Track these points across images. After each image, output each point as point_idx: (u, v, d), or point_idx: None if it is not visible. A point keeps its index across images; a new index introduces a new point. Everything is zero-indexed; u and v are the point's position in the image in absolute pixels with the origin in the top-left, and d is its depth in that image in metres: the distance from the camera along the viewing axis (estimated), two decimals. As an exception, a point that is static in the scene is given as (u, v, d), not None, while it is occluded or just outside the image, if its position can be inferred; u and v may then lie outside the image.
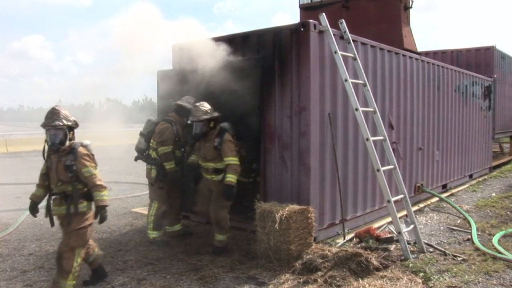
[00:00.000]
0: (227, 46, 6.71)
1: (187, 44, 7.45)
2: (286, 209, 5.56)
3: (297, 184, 6.40)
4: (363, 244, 6.27)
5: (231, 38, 6.98)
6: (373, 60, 7.66)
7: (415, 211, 7.88)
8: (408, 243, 6.12)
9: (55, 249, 6.45)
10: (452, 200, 9.60)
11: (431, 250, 6.20)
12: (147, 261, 5.87)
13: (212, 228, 6.36)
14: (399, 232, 5.88)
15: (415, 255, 5.95)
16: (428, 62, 9.79)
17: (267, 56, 6.57)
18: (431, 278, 5.14)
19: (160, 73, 8.07)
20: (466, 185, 11.64)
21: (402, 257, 5.77)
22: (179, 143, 6.65)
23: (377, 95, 7.62)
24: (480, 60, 15.69)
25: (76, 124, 4.75)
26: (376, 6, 12.75)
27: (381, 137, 6.56)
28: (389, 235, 6.48)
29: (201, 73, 6.86)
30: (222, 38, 6.95)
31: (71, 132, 4.73)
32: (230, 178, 5.86)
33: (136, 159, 6.94)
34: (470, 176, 12.52)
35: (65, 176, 4.62)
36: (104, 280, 5.23)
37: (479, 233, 6.97)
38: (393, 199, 6.06)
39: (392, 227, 6.63)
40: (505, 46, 35.35)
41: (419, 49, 13.74)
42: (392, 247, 6.11)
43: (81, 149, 4.68)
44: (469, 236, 6.81)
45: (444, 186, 10.80)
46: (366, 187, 7.54)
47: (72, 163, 4.59)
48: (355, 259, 5.25)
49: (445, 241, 6.72)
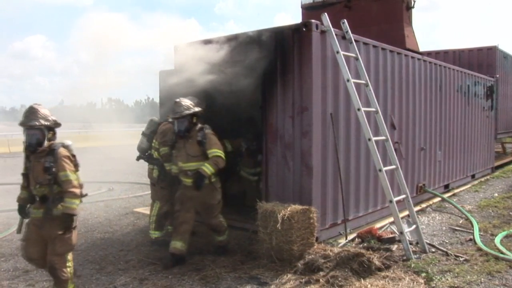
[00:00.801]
0: (229, 46, 6.71)
1: (189, 45, 7.47)
2: (288, 209, 5.56)
3: (299, 184, 6.40)
4: (365, 244, 6.26)
5: (233, 38, 6.97)
6: (375, 60, 7.66)
7: (417, 211, 7.86)
8: (410, 243, 6.11)
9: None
10: (454, 200, 9.58)
11: (433, 250, 6.19)
12: (149, 261, 5.88)
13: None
14: (401, 232, 5.87)
15: (417, 255, 5.94)
16: (430, 62, 9.77)
17: (269, 56, 6.56)
18: (433, 278, 5.13)
19: (162, 73, 8.08)
20: (468, 185, 11.62)
21: (404, 257, 5.76)
22: None
23: (379, 95, 7.61)
24: (482, 60, 15.66)
25: (56, 124, 4.51)
26: (378, 6, 12.73)
27: (383, 137, 6.55)
28: (391, 235, 6.48)
29: (203, 73, 6.86)
30: (223, 38, 6.95)
31: (51, 132, 4.48)
32: (205, 166, 5.55)
33: (138, 158, 6.95)
34: (472, 176, 12.49)
35: (43, 178, 4.37)
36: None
37: (481, 233, 6.96)
38: (395, 199, 6.05)
39: (394, 227, 6.62)
40: (508, 46, 35.34)
41: (421, 49, 13.70)
42: (394, 247, 6.10)
43: (61, 150, 4.42)
44: (471, 236, 6.80)
45: (446, 186, 10.78)
46: (368, 187, 7.53)
47: (51, 164, 4.34)
48: (357, 259, 5.25)
49: (447, 241, 6.71)
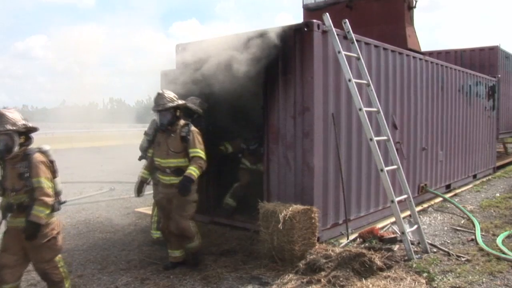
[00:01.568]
0: (230, 46, 6.71)
1: (190, 44, 7.47)
2: (290, 209, 5.56)
3: (300, 184, 6.40)
4: (367, 244, 6.26)
5: (234, 38, 6.97)
6: (377, 60, 7.65)
7: (418, 211, 7.85)
8: (412, 244, 6.10)
9: (59, 249, 6.47)
10: (456, 200, 9.57)
11: (435, 250, 6.19)
12: (151, 261, 5.88)
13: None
14: (403, 232, 5.87)
15: (419, 255, 5.94)
16: (432, 62, 9.77)
17: (271, 56, 6.56)
18: (435, 278, 5.12)
19: (163, 73, 8.08)
20: (470, 185, 11.60)
21: (406, 258, 5.76)
22: None
23: (381, 95, 7.60)
24: (484, 60, 15.64)
25: (28, 129, 4.26)
26: (380, 6, 12.70)
27: (385, 137, 6.54)
28: (392, 235, 6.47)
29: (204, 73, 6.86)
30: (225, 38, 6.95)
31: (22, 137, 4.23)
32: (191, 170, 5.25)
33: (140, 158, 6.94)
34: (474, 176, 12.48)
35: (19, 184, 4.16)
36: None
37: (483, 233, 6.95)
38: (397, 199, 6.04)
39: (395, 227, 6.62)
40: (509, 46, 35.29)
41: (422, 49, 13.66)
42: (395, 247, 6.10)
43: (36, 156, 4.20)
44: (473, 237, 6.79)
45: (448, 186, 10.77)
46: (369, 187, 7.53)
47: (26, 170, 4.14)
48: (358, 259, 5.25)
49: (448, 241, 6.70)
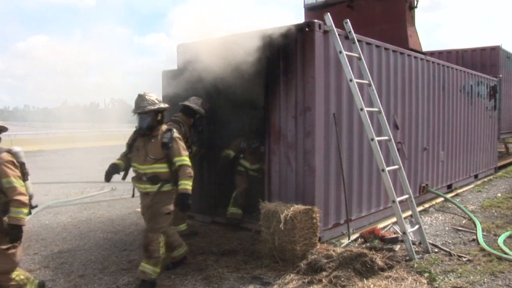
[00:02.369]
0: (231, 46, 6.71)
1: (192, 44, 7.47)
2: (291, 209, 5.56)
3: (301, 184, 6.40)
4: (368, 244, 6.26)
5: (235, 38, 6.97)
6: (378, 60, 7.65)
7: (420, 211, 7.85)
8: (413, 244, 6.10)
9: (60, 249, 6.51)
10: (457, 200, 9.57)
11: (436, 250, 6.18)
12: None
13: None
14: (404, 232, 5.87)
15: (420, 255, 5.93)
16: (433, 62, 9.76)
17: (272, 56, 6.57)
18: (436, 278, 5.12)
19: (165, 73, 8.09)
20: (471, 185, 11.60)
21: (407, 258, 5.76)
22: (186, 143, 6.67)
23: (382, 95, 7.60)
24: (485, 60, 15.61)
25: None
26: (381, 6, 12.68)
27: (386, 137, 6.54)
28: (394, 235, 6.47)
29: (206, 73, 6.87)
30: (226, 38, 6.95)
31: None
32: (185, 185, 4.90)
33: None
34: (476, 176, 12.47)
35: None
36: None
37: (484, 233, 6.95)
38: (398, 199, 6.04)
39: (397, 227, 6.62)
40: (511, 45, 35.21)
41: (424, 49, 13.64)
42: (397, 247, 6.10)
43: (3, 155, 4.01)
44: (475, 237, 6.79)
45: (449, 186, 10.76)
46: (371, 187, 7.53)
47: None
48: (360, 259, 5.25)
49: (450, 241, 6.70)
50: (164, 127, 5.14)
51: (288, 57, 6.48)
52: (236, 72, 6.55)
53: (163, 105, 5.09)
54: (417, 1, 13.18)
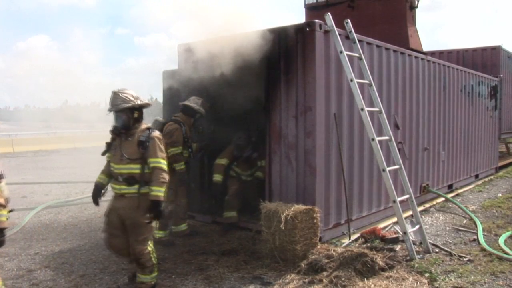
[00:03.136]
0: (232, 46, 6.71)
1: (192, 44, 7.47)
2: (292, 209, 5.56)
3: (302, 184, 6.40)
4: (369, 244, 6.26)
5: (236, 38, 6.97)
6: (379, 60, 7.64)
7: (420, 211, 7.85)
8: (414, 244, 6.10)
9: (60, 249, 6.51)
10: (458, 200, 9.56)
11: (437, 250, 6.18)
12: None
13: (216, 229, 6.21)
14: (405, 232, 5.86)
15: (421, 255, 5.93)
16: (434, 62, 9.76)
17: (273, 56, 6.57)
18: (437, 278, 5.12)
19: (165, 73, 8.09)
20: (472, 186, 11.59)
21: (408, 258, 5.76)
22: (187, 143, 6.68)
23: (383, 95, 7.60)
24: (486, 59, 15.61)
25: None
26: (382, 6, 12.70)
27: (387, 137, 6.54)
28: (394, 235, 6.47)
29: (206, 73, 6.87)
30: (226, 38, 6.96)
31: None
32: (156, 191, 4.51)
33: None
34: (476, 176, 12.47)
35: None
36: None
37: (485, 233, 6.94)
38: (399, 199, 6.04)
39: (397, 227, 6.61)
40: (512, 45, 35.17)
41: (424, 49, 13.65)
42: (397, 247, 6.09)
43: None
44: (475, 237, 6.78)
45: (450, 186, 10.76)
46: (371, 187, 7.52)
47: None
48: (360, 259, 5.24)
49: (451, 241, 6.69)
50: (143, 125, 4.78)
51: (288, 57, 6.48)
52: (237, 71, 6.55)
53: (139, 102, 4.68)
54: (418, 1, 13.20)
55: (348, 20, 6.70)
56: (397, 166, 6.47)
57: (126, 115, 4.63)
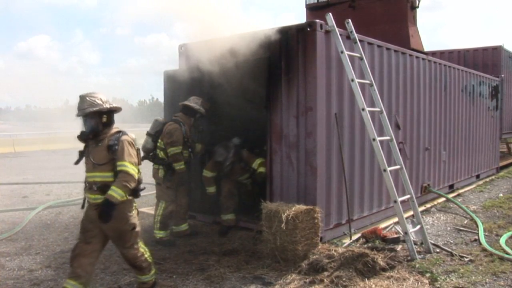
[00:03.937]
0: (233, 46, 6.72)
1: (193, 44, 7.48)
2: (293, 209, 5.56)
3: (303, 184, 6.40)
4: (370, 244, 6.26)
5: (237, 38, 6.98)
6: (380, 60, 7.64)
7: (421, 212, 7.85)
8: (415, 244, 6.10)
9: (61, 249, 6.51)
10: (459, 200, 9.56)
11: (438, 250, 6.18)
12: (154, 260, 5.86)
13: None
14: (406, 233, 5.86)
15: (422, 255, 5.93)
16: (435, 62, 9.75)
17: (274, 56, 6.57)
18: (438, 278, 5.11)
19: (166, 73, 8.10)
20: (473, 186, 11.59)
21: (409, 258, 5.76)
22: (187, 143, 6.69)
23: (384, 95, 7.60)
24: (487, 59, 15.61)
25: None
26: (383, 6, 12.70)
27: (388, 137, 6.54)
28: (395, 236, 6.47)
29: (207, 73, 6.87)
30: (227, 38, 6.96)
31: None
32: (113, 191, 4.18)
33: (142, 159, 6.96)
34: (477, 176, 12.46)
35: None
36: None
37: (486, 233, 6.94)
38: (400, 199, 6.04)
39: (398, 228, 6.61)
40: (513, 45, 35.14)
41: (425, 49, 13.66)
42: (398, 247, 6.09)
43: None
44: (476, 237, 6.77)
45: (451, 187, 10.75)
46: (372, 187, 7.52)
47: None
48: (361, 259, 5.24)
49: (452, 241, 6.69)
50: (114, 130, 4.49)
51: (289, 57, 6.48)
52: (238, 72, 6.56)
53: (108, 106, 4.40)
54: (419, 1, 13.20)
55: (349, 20, 6.70)
56: (398, 166, 6.47)
57: (94, 119, 4.37)
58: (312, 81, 6.26)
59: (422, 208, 8.52)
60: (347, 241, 6.49)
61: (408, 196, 6.37)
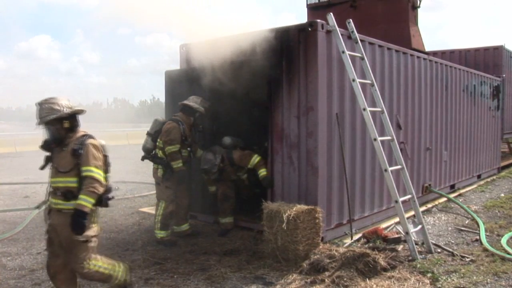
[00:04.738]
0: (234, 46, 6.72)
1: (194, 44, 7.49)
2: (294, 209, 5.56)
3: (304, 184, 6.39)
4: (371, 244, 6.25)
5: (238, 38, 6.98)
6: (381, 60, 7.64)
7: (422, 212, 7.84)
8: (416, 244, 6.09)
9: (63, 248, 6.50)
10: (460, 200, 9.55)
11: (439, 250, 6.17)
12: (155, 260, 5.89)
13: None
14: (407, 233, 5.86)
15: (423, 255, 5.93)
16: (436, 62, 9.74)
17: (275, 56, 6.57)
18: (439, 278, 5.11)
19: (167, 73, 8.10)
20: (474, 186, 11.57)
21: (410, 258, 5.75)
22: (185, 142, 6.69)
23: (385, 95, 7.59)
24: (488, 59, 15.59)
25: None
26: (384, 6, 12.69)
27: (389, 137, 6.53)
28: (396, 236, 6.47)
29: (208, 73, 6.87)
30: (229, 38, 6.96)
31: None
32: (82, 200, 4.01)
33: (143, 158, 7.00)
34: (479, 176, 12.44)
35: None
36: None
37: (487, 233, 6.93)
38: (401, 199, 6.03)
39: (399, 228, 6.61)
40: (514, 45, 35.09)
41: (427, 49, 13.64)
42: (399, 247, 6.08)
43: None
44: (477, 237, 6.77)
45: (452, 187, 10.74)
46: (373, 187, 7.52)
47: None
48: (362, 259, 5.24)
49: (453, 241, 6.68)
50: (79, 133, 4.30)
51: (290, 57, 6.47)
52: (238, 72, 6.55)
53: (68, 110, 4.19)
54: (420, 1, 13.19)
55: (350, 20, 6.70)
56: (399, 166, 6.46)
57: (55, 126, 4.20)
58: (313, 81, 6.26)
59: (423, 208, 8.51)
60: (348, 241, 6.48)
61: (409, 196, 6.37)
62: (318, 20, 6.29)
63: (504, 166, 14.86)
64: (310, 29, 6.26)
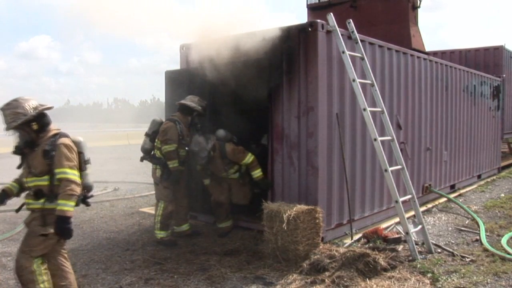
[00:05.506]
0: (234, 46, 6.72)
1: (195, 44, 7.48)
2: (294, 209, 5.56)
3: (304, 184, 6.40)
4: (371, 244, 6.26)
5: (238, 38, 6.98)
6: (381, 60, 7.64)
7: (423, 212, 7.84)
8: (416, 244, 6.09)
9: (63, 248, 6.50)
10: (460, 200, 9.55)
11: (439, 250, 6.17)
12: (155, 260, 5.89)
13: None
14: (407, 233, 5.86)
15: (423, 255, 5.93)
16: (436, 62, 9.74)
17: (275, 56, 6.56)
18: (439, 279, 5.11)
19: (167, 73, 8.10)
20: (475, 186, 11.57)
21: (410, 258, 5.75)
22: (183, 142, 6.68)
23: (385, 95, 7.59)
24: (488, 59, 15.59)
25: None
26: (384, 6, 12.69)
27: (389, 137, 6.53)
28: (397, 236, 6.46)
29: (208, 73, 6.87)
30: (229, 38, 6.96)
31: None
32: (62, 206, 3.89)
33: (142, 159, 7.00)
34: (479, 176, 12.45)
35: None
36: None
37: (487, 233, 6.93)
38: (401, 199, 6.03)
39: (400, 228, 6.61)
40: (514, 45, 35.09)
41: (427, 49, 13.64)
42: (399, 247, 6.09)
43: None
44: (478, 237, 6.77)
45: (452, 187, 10.74)
46: (374, 187, 7.52)
47: None
48: (362, 259, 5.24)
49: (453, 241, 6.68)
50: (51, 132, 4.15)
51: (291, 57, 6.48)
52: (239, 72, 6.55)
53: (33, 113, 4.00)
54: (420, 1, 13.19)
55: (350, 20, 6.70)
56: (399, 166, 6.46)
57: (23, 130, 4.06)
58: (313, 81, 6.26)
59: (423, 208, 8.51)
60: (348, 241, 6.48)
61: (409, 196, 6.37)
62: (318, 20, 6.30)
63: (504, 166, 14.87)
64: (310, 29, 6.26)
